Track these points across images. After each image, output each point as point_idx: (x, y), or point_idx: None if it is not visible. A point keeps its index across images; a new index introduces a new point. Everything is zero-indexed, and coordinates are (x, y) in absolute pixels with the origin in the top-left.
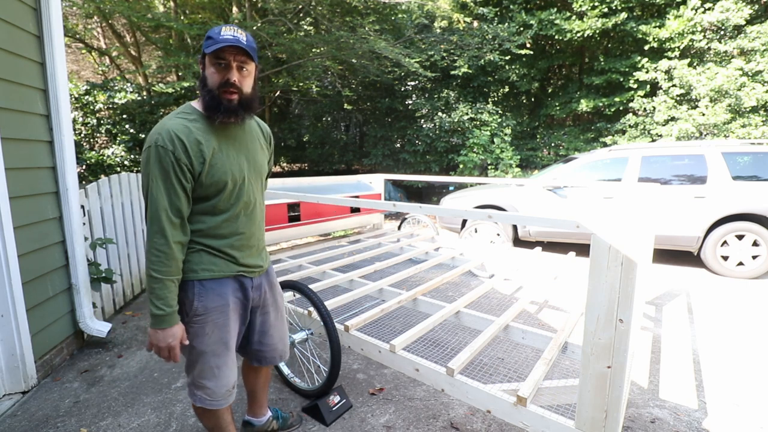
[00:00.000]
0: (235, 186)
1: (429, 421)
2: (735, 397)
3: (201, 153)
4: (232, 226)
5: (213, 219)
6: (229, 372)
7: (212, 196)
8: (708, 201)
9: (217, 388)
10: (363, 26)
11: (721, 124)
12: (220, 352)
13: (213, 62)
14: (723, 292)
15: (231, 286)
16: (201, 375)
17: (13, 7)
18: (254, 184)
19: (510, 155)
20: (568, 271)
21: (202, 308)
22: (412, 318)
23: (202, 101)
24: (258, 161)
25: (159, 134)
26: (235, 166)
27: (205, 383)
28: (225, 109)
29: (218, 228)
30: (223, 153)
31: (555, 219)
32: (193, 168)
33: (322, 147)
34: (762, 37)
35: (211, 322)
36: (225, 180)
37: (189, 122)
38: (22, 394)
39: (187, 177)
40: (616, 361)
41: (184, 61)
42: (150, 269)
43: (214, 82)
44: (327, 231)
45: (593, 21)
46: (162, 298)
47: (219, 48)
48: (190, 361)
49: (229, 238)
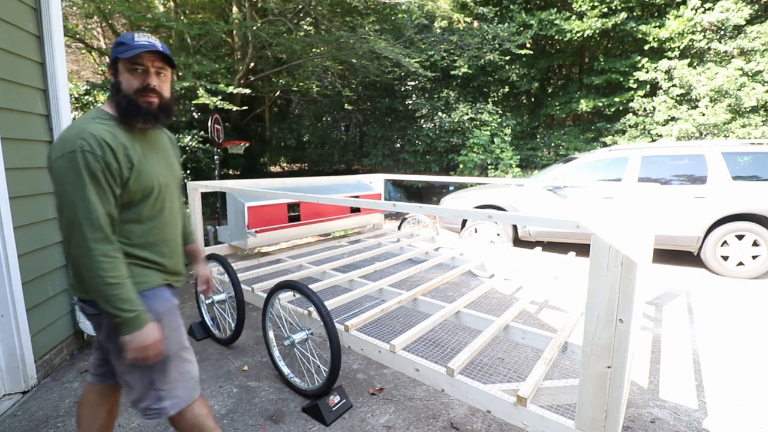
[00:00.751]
0: (160, 192)
1: (429, 421)
2: (735, 397)
3: (128, 158)
4: (160, 233)
5: (140, 227)
6: (193, 368)
7: (137, 203)
8: (708, 201)
9: (187, 383)
10: (363, 26)
11: (721, 124)
12: (181, 353)
13: (129, 68)
14: (723, 292)
15: (168, 291)
16: (167, 382)
17: (13, 7)
18: (174, 190)
19: (510, 155)
20: (568, 271)
21: (154, 316)
22: (412, 318)
23: (117, 107)
24: (174, 167)
25: (82, 139)
26: (159, 171)
27: (173, 385)
28: (146, 113)
29: (146, 236)
30: (148, 158)
31: (555, 219)
32: (122, 173)
33: (322, 147)
34: (762, 37)
35: (166, 327)
36: (152, 185)
37: (109, 127)
38: (22, 394)
39: (117, 182)
40: (616, 361)
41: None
42: (105, 277)
43: (131, 86)
44: (327, 231)
45: (593, 21)
46: (129, 300)
47: (136, 54)
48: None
49: (158, 246)
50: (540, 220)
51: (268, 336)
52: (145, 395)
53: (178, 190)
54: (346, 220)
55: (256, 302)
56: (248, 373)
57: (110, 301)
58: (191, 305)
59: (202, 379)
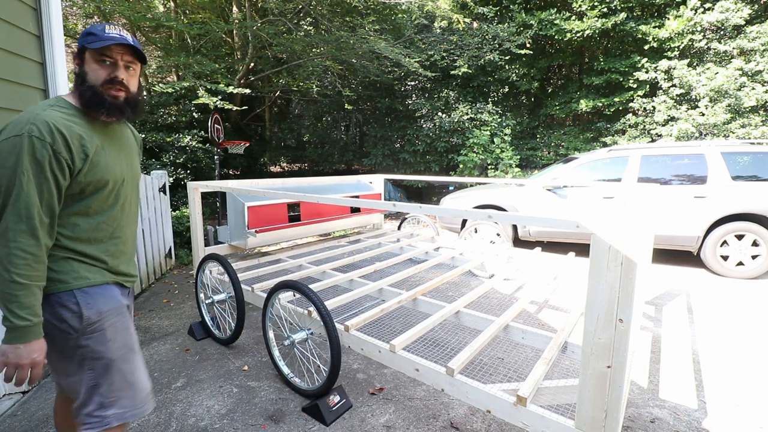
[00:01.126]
0: (115, 186)
1: (429, 421)
2: (735, 397)
3: (83, 148)
4: (109, 228)
5: (86, 221)
6: (143, 376)
7: (88, 195)
8: (708, 201)
9: (135, 394)
10: (363, 26)
11: (720, 124)
12: (128, 357)
13: (96, 59)
14: (723, 292)
15: (117, 290)
16: (112, 389)
17: (13, 7)
18: (131, 186)
19: (510, 155)
20: (568, 271)
21: (95, 314)
22: (412, 318)
23: (80, 98)
24: (134, 164)
25: (32, 124)
26: (117, 166)
27: (119, 394)
28: (110, 106)
29: (93, 231)
30: (106, 151)
31: (555, 219)
32: (74, 164)
33: (322, 147)
34: (762, 37)
35: (110, 327)
36: (107, 179)
37: (68, 116)
38: (23, 394)
39: (65, 173)
40: (616, 361)
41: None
42: (12, 273)
43: (97, 78)
44: (327, 231)
45: (593, 21)
46: (28, 307)
47: (105, 45)
48: (96, 379)
49: (105, 243)
50: (540, 220)
51: (268, 336)
52: (88, 401)
53: (136, 188)
54: (346, 220)
55: (256, 302)
56: (248, 373)
57: (8, 300)
58: (191, 305)
59: (202, 378)
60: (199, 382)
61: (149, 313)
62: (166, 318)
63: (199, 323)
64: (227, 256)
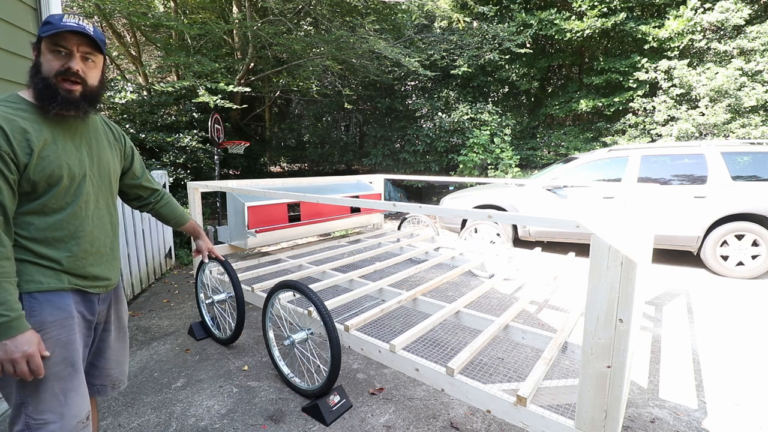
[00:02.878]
0: (73, 182)
1: (429, 420)
2: (735, 397)
3: (27, 142)
4: (69, 227)
5: (43, 220)
6: (80, 399)
7: (42, 193)
8: (708, 201)
9: (65, 419)
10: (363, 26)
11: (720, 124)
12: (65, 374)
13: (51, 48)
14: (723, 292)
15: (72, 298)
16: (40, 408)
17: (13, 7)
18: (98, 183)
19: (510, 155)
20: (568, 271)
21: (37, 324)
22: (412, 318)
23: (33, 90)
24: (104, 159)
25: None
26: (73, 161)
27: (48, 417)
28: (63, 100)
29: (50, 230)
30: (58, 145)
31: (555, 219)
32: (17, 158)
33: (322, 147)
34: (762, 37)
35: (50, 340)
36: (59, 174)
37: (13, 110)
38: None
39: (9, 167)
40: (616, 361)
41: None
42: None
43: (50, 69)
44: (327, 231)
45: (593, 21)
46: (3, 302)
47: (58, 33)
48: (23, 396)
49: (65, 242)
50: (540, 220)
51: (268, 336)
52: (15, 418)
53: (108, 184)
54: (346, 220)
55: (256, 302)
56: (248, 373)
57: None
58: (191, 305)
59: (202, 379)
60: (199, 382)
61: (149, 313)
62: (166, 318)
63: (199, 323)
64: (227, 256)
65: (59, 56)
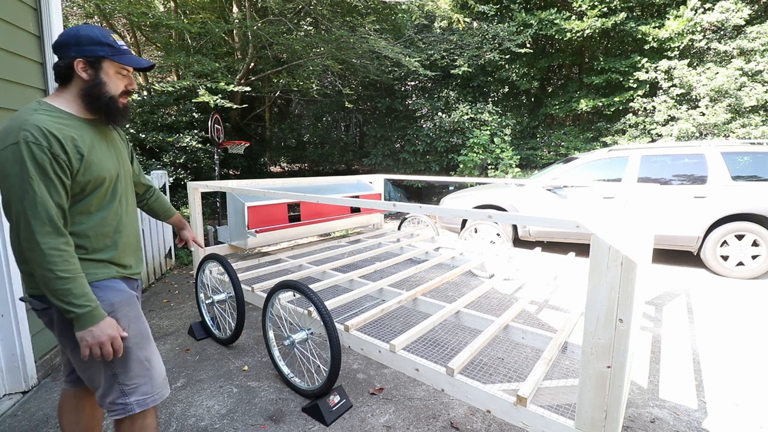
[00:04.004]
0: (111, 182)
1: (429, 421)
2: (735, 397)
3: (77, 149)
4: (112, 223)
5: (90, 218)
6: (158, 360)
7: (88, 194)
8: (708, 201)
9: (153, 379)
10: (363, 26)
11: (721, 124)
12: (143, 343)
13: (117, 70)
14: (723, 292)
15: (123, 283)
16: (131, 376)
17: (13, 7)
18: (126, 181)
19: (510, 155)
20: (568, 271)
21: (107, 306)
22: (412, 318)
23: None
24: (125, 159)
25: (25, 130)
26: (109, 162)
27: (138, 381)
28: (121, 114)
29: (98, 227)
30: (97, 150)
31: (555, 219)
32: (71, 164)
33: (322, 147)
34: (762, 37)
35: (123, 317)
36: (103, 176)
37: (54, 119)
38: (23, 394)
39: (66, 173)
40: (616, 361)
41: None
42: (55, 272)
43: (117, 88)
44: (327, 231)
45: (593, 21)
46: (82, 295)
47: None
48: (113, 368)
49: (111, 236)
50: (540, 220)
51: (268, 336)
52: (109, 390)
53: (131, 182)
54: (346, 220)
55: (256, 302)
56: (248, 373)
57: (62, 296)
58: (191, 305)
59: (202, 379)
60: (199, 382)
61: (149, 313)
62: (166, 318)
63: (199, 323)
64: (227, 256)
65: (122, 77)
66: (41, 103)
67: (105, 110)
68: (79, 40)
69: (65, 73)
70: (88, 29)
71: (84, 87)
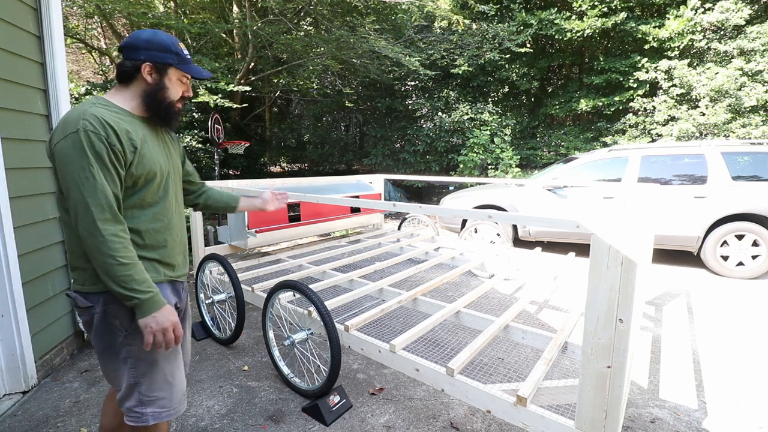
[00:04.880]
0: (162, 178)
1: (429, 421)
2: (735, 397)
3: (131, 141)
4: (164, 220)
5: (142, 213)
6: (182, 376)
7: (141, 188)
8: (708, 201)
9: (173, 395)
10: (363, 26)
11: (721, 124)
12: (171, 357)
13: (179, 78)
14: (723, 292)
15: (168, 289)
16: (153, 388)
17: (13, 7)
18: (176, 180)
19: (510, 155)
20: (568, 271)
21: None
22: (412, 318)
23: (147, 107)
24: (174, 158)
25: (84, 120)
26: (161, 159)
27: (159, 395)
28: (176, 118)
29: (150, 222)
30: (150, 145)
31: (555, 219)
32: (125, 155)
33: (322, 147)
34: (762, 37)
35: None
36: (155, 170)
37: (111, 112)
38: (23, 394)
39: (121, 163)
40: (616, 361)
41: None
42: (116, 257)
43: (176, 94)
44: (327, 231)
45: (593, 20)
46: (144, 281)
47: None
48: (136, 378)
49: (162, 233)
50: (540, 220)
51: (268, 336)
52: (128, 396)
53: (180, 183)
54: (346, 220)
55: (256, 302)
56: (248, 373)
57: (124, 282)
58: (191, 305)
59: (202, 379)
60: (199, 382)
61: None
62: None
63: (199, 323)
64: (227, 256)
65: (182, 84)
66: (99, 99)
67: (163, 113)
68: (150, 45)
69: (130, 73)
70: (160, 36)
71: (147, 89)
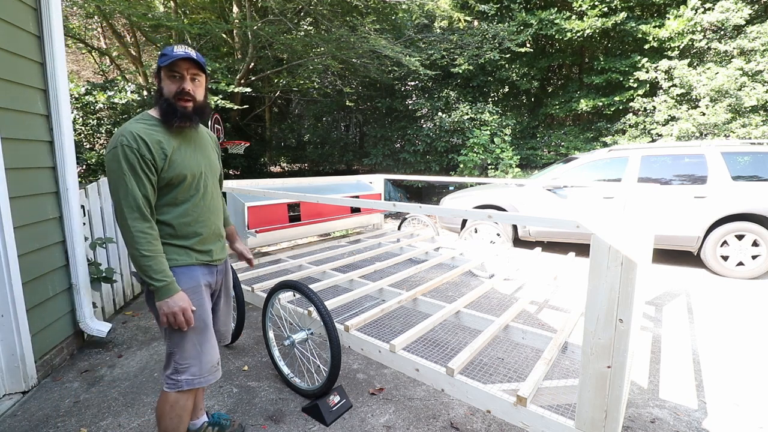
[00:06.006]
0: (194, 179)
1: (429, 421)
2: (735, 397)
3: (162, 150)
4: (194, 214)
5: (176, 209)
6: (212, 349)
7: (174, 188)
8: (708, 201)
9: (202, 364)
10: (363, 25)
11: (721, 123)
12: (200, 329)
13: (168, 74)
14: (723, 292)
15: (200, 271)
16: (184, 357)
17: (13, 7)
18: (210, 178)
19: (510, 155)
20: (568, 271)
21: None
22: (412, 318)
23: (159, 110)
24: (212, 160)
25: (123, 136)
26: (193, 163)
27: (190, 363)
28: (181, 115)
29: (181, 216)
30: (182, 151)
31: (555, 219)
32: (156, 162)
33: (322, 147)
34: (762, 37)
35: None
36: (185, 174)
37: (148, 126)
38: (22, 394)
39: (151, 170)
40: (616, 361)
41: None
42: (140, 250)
43: (170, 91)
44: (327, 231)
45: (593, 20)
46: (161, 271)
47: (173, 61)
48: (171, 347)
49: (192, 226)
50: (540, 220)
51: (268, 336)
52: (167, 364)
53: (216, 180)
54: (346, 220)
55: (256, 302)
56: (248, 373)
57: (145, 270)
58: None
59: None
60: None
61: (149, 313)
62: None
63: None
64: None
65: (175, 80)
66: (144, 115)
67: (164, 113)
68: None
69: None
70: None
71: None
